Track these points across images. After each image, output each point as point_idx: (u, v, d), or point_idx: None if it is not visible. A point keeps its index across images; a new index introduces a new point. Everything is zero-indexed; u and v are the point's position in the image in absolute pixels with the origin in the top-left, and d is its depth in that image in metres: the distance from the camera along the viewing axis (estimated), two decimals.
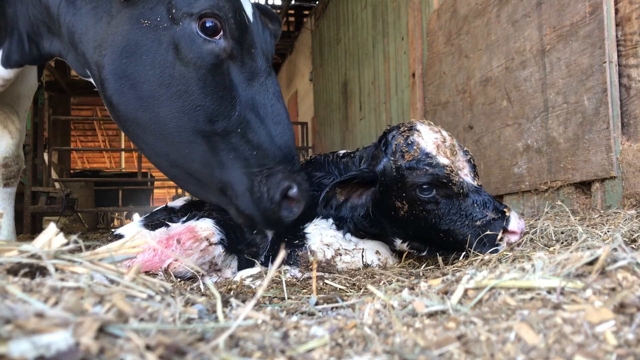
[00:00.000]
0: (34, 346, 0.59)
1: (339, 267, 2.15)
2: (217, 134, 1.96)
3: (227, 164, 1.99)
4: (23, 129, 3.24)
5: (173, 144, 1.98)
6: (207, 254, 2.13)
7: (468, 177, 1.95)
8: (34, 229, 6.79)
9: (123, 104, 1.98)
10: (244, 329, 0.95)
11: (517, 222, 1.84)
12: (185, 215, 2.42)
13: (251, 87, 2.03)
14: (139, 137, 2.07)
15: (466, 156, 2.03)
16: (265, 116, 2.03)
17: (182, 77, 1.91)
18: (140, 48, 1.91)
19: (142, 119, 1.98)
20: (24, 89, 3.11)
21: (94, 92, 14.51)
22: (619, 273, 0.96)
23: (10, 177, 3.20)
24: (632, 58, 2.93)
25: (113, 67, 1.95)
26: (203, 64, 1.92)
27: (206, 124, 1.94)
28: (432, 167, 1.92)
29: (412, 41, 5.78)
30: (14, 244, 1.01)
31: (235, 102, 1.98)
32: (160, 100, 1.92)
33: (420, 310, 1.02)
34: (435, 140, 1.97)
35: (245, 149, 1.99)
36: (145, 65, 1.92)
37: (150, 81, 1.92)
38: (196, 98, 1.91)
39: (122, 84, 1.95)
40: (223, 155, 1.99)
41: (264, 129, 2.01)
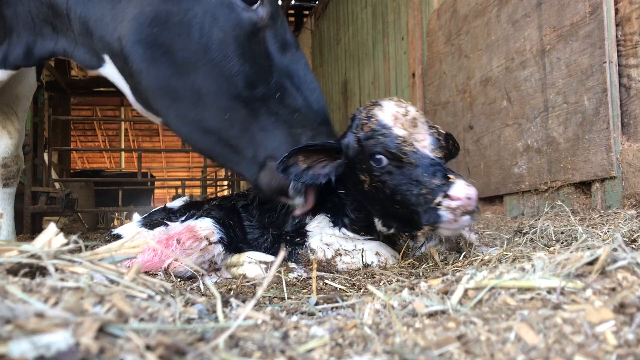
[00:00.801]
0: (34, 346, 0.59)
1: (339, 267, 2.15)
2: (257, 99, 2.03)
3: (269, 127, 2.06)
4: (22, 129, 3.23)
5: (210, 110, 2.01)
6: (206, 253, 2.13)
7: (426, 149, 1.94)
8: (34, 229, 6.78)
9: (154, 72, 1.98)
10: (244, 329, 0.95)
11: (462, 189, 1.76)
12: (184, 215, 2.41)
13: (284, 57, 2.11)
14: (169, 108, 2.06)
15: (430, 130, 2.01)
16: (300, 84, 2.12)
17: (221, 43, 1.95)
18: (173, 16, 1.94)
19: (177, 87, 1.99)
20: (23, 89, 3.11)
21: (94, 92, 14.51)
22: (619, 273, 0.96)
23: (10, 178, 3.19)
24: (632, 58, 2.93)
25: (142, 36, 1.95)
26: (242, 32, 1.98)
27: (246, 90, 2.00)
28: (384, 137, 1.96)
29: (412, 41, 5.78)
30: (14, 244, 1.01)
31: (272, 69, 2.06)
32: (196, 66, 1.95)
33: (420, 310, 1.02)
34: (395, 113, 2.00)
35: (286, 112, 2.07)
36: (180, 33, 1.94)
37: (185, 48, 1.94)
38: (235, 64, 1.96)
39: (153, 52, 1.96)
40: (264, 119, 2.05)
41: (301, 95, 2.10)
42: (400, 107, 2.02)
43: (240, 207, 2.53)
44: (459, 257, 2.10)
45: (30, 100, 3.29)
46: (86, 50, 2.21)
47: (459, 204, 1.75)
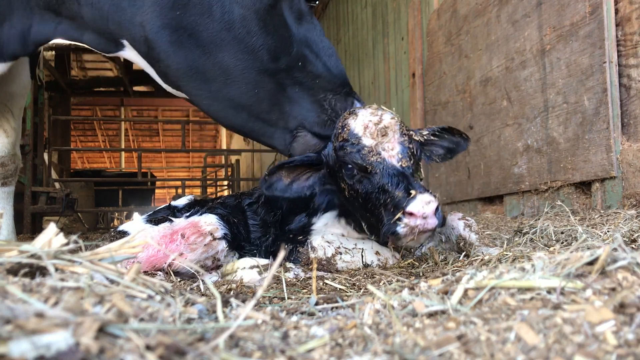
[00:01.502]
0: (34, 346, 0.59)
1: (339, 266, 2.15)
2: (282, 70, 2.09)
3: (295, 97, 2.14)
4: (18, 128, 3.23)
5: (240, 87, 2.06)
6: (210, 249, 2.13)
7: (393, 159, 1.92)
8: (34, 229, 6.78)
9: (182, 55, 2.02)
10: (244, 329, 0.95)
11: (419, 206, 1.71)
12: (189, 212, 2.42)
13: (302, 26, 2.18)
14: (200, 89, 2.10)
15: (402, 138, 1.99)
16: (318, 51, 2.19)
17: (242, 19, 2.00)
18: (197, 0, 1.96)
19: (205, 66, 2.03)
20: (17, 87, 3.10)
21: (94, 92, 14.52)
22: (619, 273, 0.96)
23: (8, 177, 3.19)
24: (632, 58, 2.93)
25: (165, 21, 1.97)
26: (261, 6, 2.02)
27: (271, 62, 2.06)
28: (352, 147, 1.97)
29: (412, 41, 5.78)
30: (14, 244, 1.01)
31: (292, 39, 2.12)
32: (222, 45, 2.00)
33: (420, 310, 1.02)
34: (366, 122, 2.00)
35: (309, 79, 2.15)
36: (202, 13, 1.97)
37: (209, 28, 1.98)
38: (258, 38, 2.02)
39: (179, 36, 1.99)
40: (290, 89, 2.13)
41: (320, 61, 2.18)
42: (374, 116, 2.02)
43: (246, 205, 2.54)
44: (459, 257, 2.11)
45: (25, 98, 3.28)
46: (98, 36, 2.21)
47: (416, 222, 1.72)
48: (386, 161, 1.91)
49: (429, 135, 2.17)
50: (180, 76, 2.09)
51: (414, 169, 1.96)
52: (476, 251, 2.16)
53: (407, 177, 1.86)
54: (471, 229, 2.34)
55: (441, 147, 2.23)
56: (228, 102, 2.11)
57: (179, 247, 2.06)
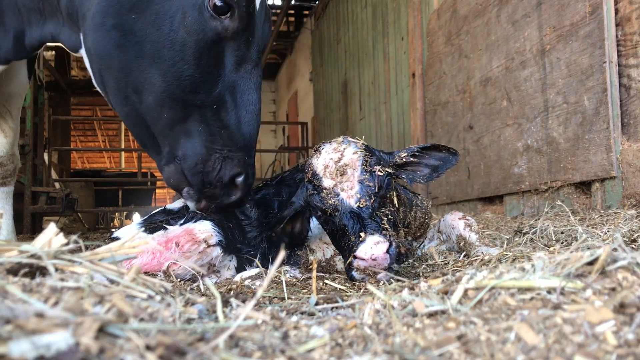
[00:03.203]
0: (34, 346, 0.59)
1: (338, 267, 2.15)
2: (195, 105, 2.07)
3: (193, 134, 2.11)
4: (17, 127, 3.23)
5: (153, 102, 2.06)
6: (205, 256, 2.13)
7: (351, 199, 1.88)
8: (34, 229, 6.78)
9: (121, 58, 2.02)
10: (244, 329, 0.95)
11: (367, 250, 1.69)
12: (183, 217, 2.41)
13: (237, 72, 2.14)
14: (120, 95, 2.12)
15: (362, 175, 1.93)
16: (240, 102, 2.15)
17: (182, 44, 2.00)
18: (151, 7, 1.97)
19: (133, 74, 2.04)
20: (15, 87, 3.11)
21: (94, 92, 14.49)
22: (619, 273, 0.96)
23: (7, 177, 3.19)
24: (632, 58, 2.93)
25: (120, 20, 1.98)
26: (204, 38, 2.01)
27: (189, 94, 2.04)
28: (313, 189, 1.99)
29: (412, 41, 5.78)
30: (14, 244, 1.01)
31: (219, 80, 2.09)
32: (156, 60, 2.00)
33: (420, 310, 1.02)
34: (327, 161, 1.98)
35: (215, 125, 2.11)
36: (152, 24, 1.98)
37: (153, 41, 1.99)
38: (189, 67, 2.01)
39: (126, 39, 2.00)
40: (193, 125, 2.10)
41: (235, 113, 2.14)
42: (336, 153, 1.99)
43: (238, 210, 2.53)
44: (459, 257, 2.10)
45: (23, 98, 3.29)
46: (71, 32, 2.23)
47: (366, 265, 1.71)
48: (344, 202, 1.89)
49: (408, 156, 2.12)
50: (110, 78, 2.11)
51: (377, 205, 1.90)
52: (476, 251, 2.16)
53: (362, 219, 1.83)
54: (471, 229, 2.34)
55: (426, 165, 2.16)
56: (138, 113, 2.14)
57: (173, 255, 2.06)
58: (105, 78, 2.14)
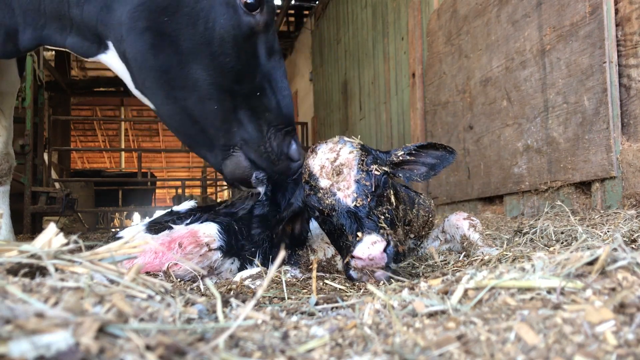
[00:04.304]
0: (34, 346, 0.59)
1: (338, 266, 2.15)
2: (241, 95, 2.25)
3: (244, 121, 2.30)
4: (10, 126, 3.23)
5: (200, 98, 2.20)
6: (205, 259, 2.15)
7: (348, 198, 1.88)
8: (34, 229, 6.77)
9: (160, 59, 2.13)
10: (244, 329, 0.95)
11: (364, 250, 1.69)
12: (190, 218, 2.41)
13: (269, 62, 2.35)
14: (167, 95, 2.22)
15: (359, 175, 1.92)
16: (276, 88, 2.37)
17: (221, 39, 2.14)
18: (183, 8, 2.09)
19: (177, 74, 2.16)
20: (6, 86, 3.11)
21: (94, 92, 14.52)
22: (619, 273, 0.96)
23: (2, 176, 3.20)
24: (632, 58, 2.93)
25: (152, 23, 2.07)
26: (240, 33, 2.17)
27: (235, 84, 2.22)
28: (310, 190, 1.99)
29: (412, 41, 5.78)
30: (14, 244, 1.01)
31: (258, 70, 2.29)
32: (197, 57, 2.14)
33: (420, 310, 1.02)
34: (323, 161, 1.98)
35: (261, 110, 2.31)
36: (188, 24, 2.10)
37: (190, 39, 2.11)
38: (231, 60, 2.17)
39: (161, 40, 2.10)
40: (243, 113, 2.29)
41: (275, 97, 2.35)
42: (332, 153, 1.99)
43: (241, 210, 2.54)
44: (459, 257, 2.10)
45: (15, 97, 3.29)
46: (81, 39, 2.25)
47: (363, 265, 1.71)
48: (340, 202, 1.89)
49: (405, 155, 2.11)
50: (152, 80, 2.19)
51: (374, 204, 1.89)
52: (478, 252, 2.16)
53: (359, 218, 1.83)
54: (475, 229, 2.33)
55: (423, 164, 2.15)
56: (187, 111, 2.24)
57: (175, 256, 2.07)
58: (146, 80, 2.21)
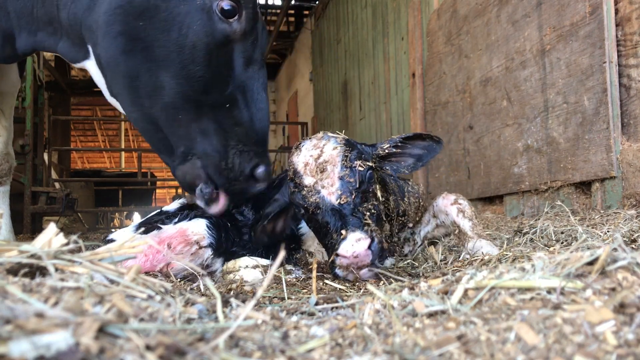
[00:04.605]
0: (34, 346, 0.59)
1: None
2: (209, 105, 2.12)
3: (209, 133, 2.16)
4: (10, 126, 3.24)
5: (167, 105, 2.10)
6: (197, 257, 2.14)
7: (332, 196, 1.87)
8: (34, 229, 6.77)
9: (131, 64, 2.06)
10: (244, 329, 0.95)
11: (348, 247, 1.69)
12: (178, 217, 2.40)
13: (245, 72, 2.21)
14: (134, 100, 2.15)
15: (343, 172, 1.91)
16: (251, 101, 2.22)
17: (193, 47, 2.05)
18: (159, 13, 2.02)
19: (144, 78, 2.08)
20: (6, 86, 3.11)
21: (94, 92, 14.49)
22: (619, 273, 0.96)
23: (2, 176, 3.20)
24: (632, 58, 2.93)
25: (127, 27, 2.01)
26: (213, 40, 2.07)
27: (201, 94, 2.10)
28: (295, 188, 1.99)
29: (412, 41, 5.78)
30: (14, 244, 1.01)
31: (230, 81, 2.16)
32: (168, 64, 2.05)
33: (420, 310, 1.02)
34: (307, 158, 1.97)
35: (229, 123, 2.17)
36: (163, 30, 2.03)
37: (163, 46, 2.04)
38: (201, 69, 2.07)
39: (134, 45, 2.03)
40: (208, 124, 2.15)
41: (247, 111, 2.21)
42: (316, 149, 1.99)
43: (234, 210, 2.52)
44: (459, 257, 2.11)
45: (15, 97, 3.29)
46: (70, 44, 2.23)
47: (348, 263, 1.70)
48: (325, 200, 1.88)
49: (391, 147, 2.10)
50: (123, 85, 2.14)
51: (359, 200, 1.88)
52: (472, 245, 2.15)
53: (343, 216, 1.82)
54: (465, 215, 2.29)
55: (410, 155, 2.15)
56: (149, 113, 2.16)
57: (165, 257, 2.07)
58: (116, 85, 2.16)
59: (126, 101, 2.19)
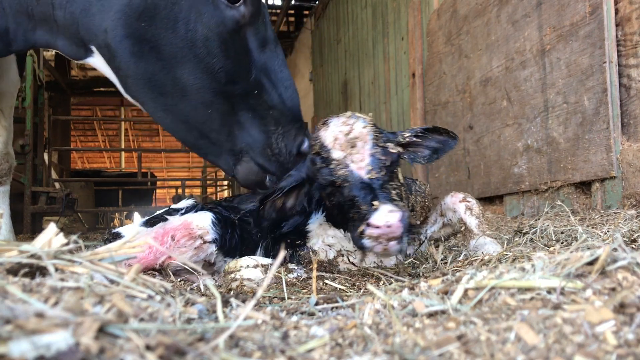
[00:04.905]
0: (34, 346, 0.59)
1: (340, 267, 2.15)
2: (237, 95, 2.10)
3: (246, 123, 2.15)
4: (10, 126, 3.23)
5: (195, 105, 2.08)
6: (201, 252, 2.11)
7: (362, 171, 1.90)
8: (34, 229, 6.77)
9: (142, 66, 2.03)
10: (244, 329, 0.95)
11: (382, 217, 1.70)
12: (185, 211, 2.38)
13: (264, 53, 2.18)
14: (154, 100, 2.12)
15: (373, 149, 1.94)
16: (276, 81, 2.20)
17: (205, 40, 2.01)
18: (160, 12, 1.97)
19: (162, 80, 2.05)
20: (5, 85, 3.10)
21: (94, 92, 14.50)
22: (619, 273, 0.96)
23: (2, 176, 3.20)
24: (632, 58, 2.93)
25: (130, 30, 1.97)
26: (225, 29, 2.03)
27: (228, 85, 2.07)
28: (321, 161, 1.98)
29: (412, 41, 5.78)
30: (14, 244, 1.01)
31: (252, 66, 2.12)
32: (182, 62, 2.01)
33: (420, 310, 1.02)
34: (336, 133, 1.98)
35: (262, 109, 2.15)
36: (167, 28, 1.98)
37: (172, 43, 2.00)
38: (219, 60, 2.03)
39: (141, 47, 2.00)
40: (242, 115, 2.14)
41: (276, 92, 2.18)
42: (345, 126, 1.99)
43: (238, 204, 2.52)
44: (459, 257, 2.11)
45: (14, 97, 3.28)
46: (69, 42, 2.20)
47: (380, 233, 1.70)
48: (354, 174, 1.90)
49: (412, 136, 2.13)
50: (139, 87, 2.11)
51: (387, 178, 1.92)
52: (475, 243, 2.15)
53: (373, 190, 1.84)
54: (472, 213, 2.32)
55: (427, 147, 2.18)
56: (181, 117, 2.13)
57: (168, 250, 2.04)
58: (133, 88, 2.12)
59: (147, 103, 2.17)
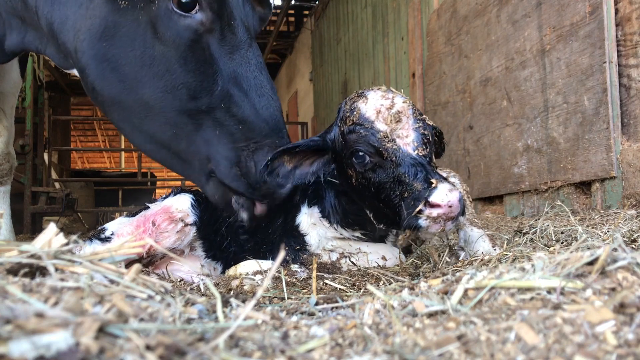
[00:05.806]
0: (34, 346, 0.59)
1: (343, 269, 2.15)
2: (202, 111, 1.93)
3: (213, 141, 1.96)
4: (11, 126, 3.23)
5: (159, 124, 1.95)
6: (184, 235, 2.08)
7: (408, 147, 1.80)
8: (34, 229, 6.77)
9: (106, 87, 1.95)
10: (244, 329, 0.95)
11: (443, 195, 1.61)
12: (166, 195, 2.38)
13: (232, 60, 1.98)
14: (123, 121, 2.04)
15: (416, 124, 1.84)
16: (248, 89, 1.98)
17: (162, 56, 1.88)
18: (119, 30, 1.88)
19: (126, 101, 1.94)
20: (7, 86, 3.10)
21: None
22: (619, 273, 0.96)
23: (3, 176, 3.20)
24: (632, 58, 2.93)
25: (93, 51, 1.91)
26: (182, 41, 1.89)
27: (190, 102, 1.91)
28: (365, 131, 1.84)
29: (412, 41, 5.78)
30: (14, 244, 1.01)
31: (217, 77, 1.94)
32: (142, 81, 1.89)
33: (420, 310, 1.02)
34: (378, 106, 1.86)
35: (231, 123, 1.95)
36: (125, 47, 1.88)
37: (131, 63, 1.89)
38: (178, 76, 1.89)
39: (103, 68, 1.92)
40: (209, 131, 1.96)
41: (248, 102, 1.97)
42: (386, 99, 1.88)
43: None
44: (459, 257, 2.11)
45: (16, 97, 3.28)
46: (56, 50, 2.17)
47: (440, 212, 1.64)
48: (402, 149, 1.79)
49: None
50: (106, 107, 2.04)
51: (431, 156, 1.84)
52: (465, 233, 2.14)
53: (424, 167, 1.74)
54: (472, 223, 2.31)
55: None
56: (148, 137, 2.02)
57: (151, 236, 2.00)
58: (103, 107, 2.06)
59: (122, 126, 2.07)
